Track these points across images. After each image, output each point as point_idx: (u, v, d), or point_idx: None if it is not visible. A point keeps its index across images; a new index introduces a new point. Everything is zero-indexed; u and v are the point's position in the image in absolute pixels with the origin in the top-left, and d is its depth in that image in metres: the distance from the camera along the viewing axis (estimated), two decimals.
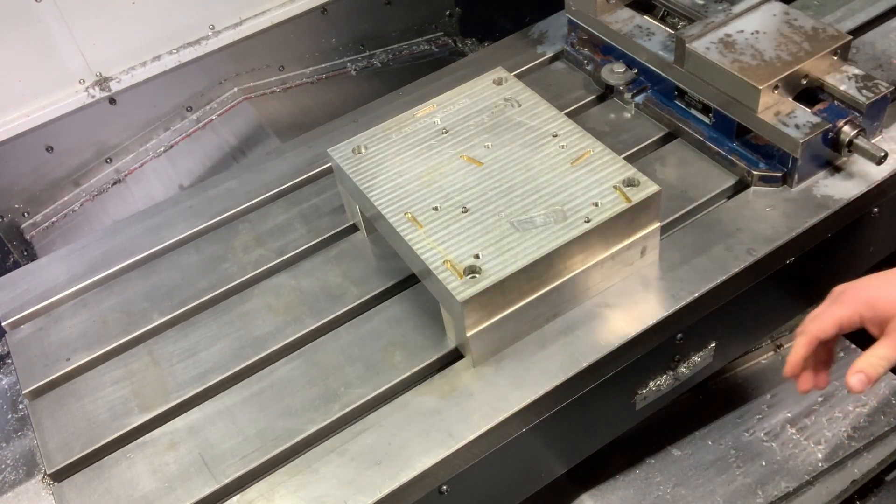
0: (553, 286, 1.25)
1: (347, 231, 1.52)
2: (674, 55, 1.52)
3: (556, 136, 1.38)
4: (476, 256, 1.21)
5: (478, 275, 1.19)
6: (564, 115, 1.43)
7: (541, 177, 1.32)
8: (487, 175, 1.34)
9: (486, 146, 1.39)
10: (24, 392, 1.34)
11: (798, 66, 1.39)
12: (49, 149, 2.22)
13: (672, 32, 1.59)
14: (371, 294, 1.40)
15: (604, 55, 1.71)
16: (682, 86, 1.54)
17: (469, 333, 1.20)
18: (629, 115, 1.64)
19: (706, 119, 1.52)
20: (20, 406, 1.37)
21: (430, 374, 1.28)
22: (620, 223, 1.26)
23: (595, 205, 1.26)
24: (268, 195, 1.62)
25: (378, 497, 1.14)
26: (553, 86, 1.73)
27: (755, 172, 1.44)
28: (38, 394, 1.35)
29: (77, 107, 2.19)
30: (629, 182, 1.28)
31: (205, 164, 2.34)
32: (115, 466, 1.23)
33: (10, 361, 1.41)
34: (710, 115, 1.51)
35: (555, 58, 1.81)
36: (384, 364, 1.29)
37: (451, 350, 1.29)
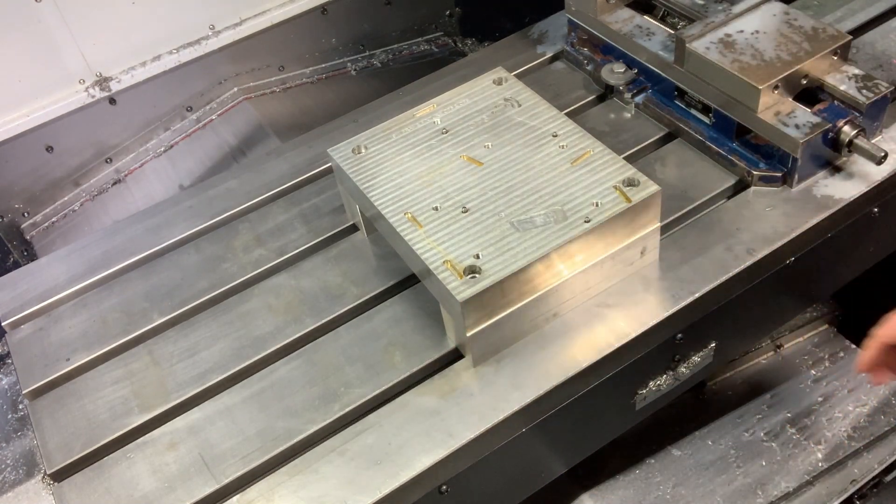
0: (553, 286, 1.25)
1: (347, 231, 1.52)
2: (674, 55, 1.52)
3: (556, 136, 1.38)
4: (476, 256, 1.21)
5: (478, 275, 1.19)
6: (564, 115, 1.43)
7: (541, 177, 1.32)
8: (487, 175, 1.34)
9: (486, 146, 1.39)
10: (24, 392, 1.34)
11: (798, 66, 1.39)
12: (49, 149, 2.22)
13: (672, 32, 1.59)
14: (371, 294, 1.40)
15: (604, 55, 1.71)
16: (682, 86, 1.54)
17: (469, 333, 1.20)
18: (629, 115, 1.64)
19: (706, 119, 1.52)
20: (20, 406, 1.37)
21: (430, 374, 1.28)
22: (620, 223, 1.26)
23: (595, 205, 1.26)
24: (268, 195, 1.62)
25: (378, 497, 1.14)
26: (553, 86, 1.73)
27: (755, 172, 1.44)
28: (38, 394, 1.35)
29: (77, 107, 2.20)
30: (629, 182, 1.28)
31: (205, 164, 2.34)
32: (115, 466, 1.23)
33: (10, 361, 1.41)
34: (710, 115, 1.51)
35: (555, 58, 1.81)
36: (384, 364, 1.29)
37: (451, 350, 1.29)
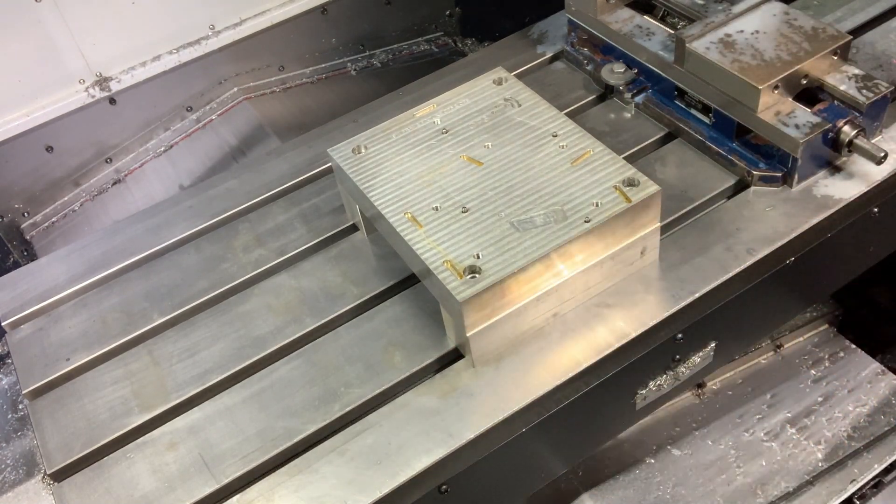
0: (553, 286, 1.25)
1: (347, 231, 1.52)
2: (674, 55, 1.52)
3: (556, 136, 1.38)
4: (476, 256, 1.21)
5: (478, 275, 1.19)
6: (564, 115, 1.43)
7: (541, 177, 1.32)
8: (487, 175, 1.34)
9: (486, 146, 1.39)
10: (24, 392, 1.35)
11: (798, 66, 1.39)
12: (49, 149, 2.22)
13: (672, 32, 1.59)
14: (371, 294, 1.40)
15: (604, 55, 1.71)
16: (682, 86, 1.54)
17: (469, 333, 1.20)
18: (629, 115, 1.64)
19: (706, 119, 1.52)
20: (20, 406, 1.37)
21: (430, 374, 1.28)
22: (620, 223, 1.26)
23: (595, 205, 1.26)
24: (268, 195, 1.62)
25: (378, 497, 1.14)
26: (553, 86, 1.73)
27: (755, 172, 1.44)
28: (38, 394, 1.35)
29: (77, 107, 2.20)
30: (629, 182, 1.28)
31: (205, 164, 2.34)
32: (115, 466, 1.23)
33: (10, 361, 1.41)
34: (710, 115, 1.51)
35: (555, 58, 1.81)
36: (384, 364, 1.29)
37: (451, 350, 1.29)
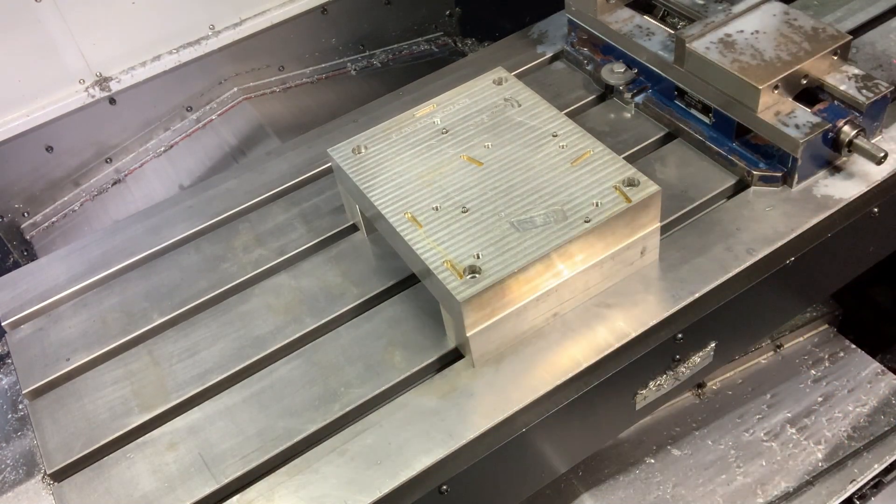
0: (553, 286, 1.25)
1: (347, 231, 1.52)
2: (674, 55, 1.52)
3: (556, 136, 1.38)
4: (476, 256, 1.21)
5: (478, 275, 1.19)
6: (564, 115, 1.43)
7: (541, 177, 1.32)
8: (487, 175, 1.34)
9: (486, 146, 1.39)
10: (24, 392, 1.35)
11: (798, 66, 1.39)
12: (49, 149, 2.22)
13: (672, 32, 1.59)
14: (371, 294, 1.40)
15: (604, 55, 1.71)
16: (682, 86, 1.54)
17: (469, 333, 1.20)
18: (629, 115, 1.64)
19: (706, 119, 1.52)
20: (20, 406, 1.37)
21: (430, 374, 1.28)
22: (620, 223, 1.26)
23: (595, 205, 1.26)
24: (268, 195, 1.62)
25: (378, 497, 1.14)
26: (553, 86, 1.73)
27: (755, 172, 1.44)
28: (38, 394, 1.35)
29: (77, 107, 2.20)
30: (629, 182, 1.28)
31: (205, 164, 2.34)
32: (115, 466, 1.23)
33: (10, 361, 1.41)
34: (710, 115, 1.51)
35: (555, 58, 1.81)
36: (384, 364, 1.29)
37: (451, 350, 1.29)
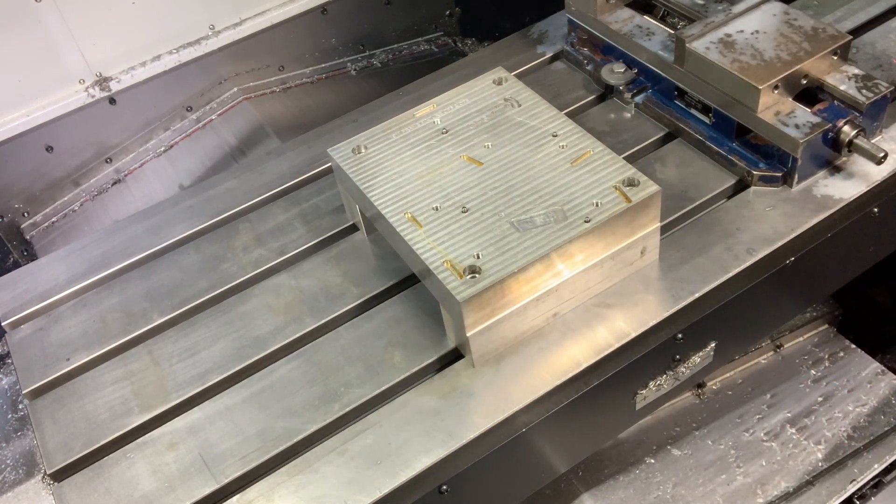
0: (553, 286, 1.25)
1: (347, 231, 1.52)
2: (674, 55, 1.52)
3: (556, 136, 1.38)
4: (476, 256, 1.21)
5: (478, 275, 1.19)
6: (564, 115, 1.43)
7: (541, 177, 1.32)
8: (487, 175, 1.34)
9: (486, 146, 1.39)
10: (24, 392, 1.35)
11: (798, 66, 1.39)
12: (49, 149, 2.22)
13: (672, 32, 1.59)
14: (371, 294, 1.40)
15: (604, 55, 1.71)
16: (682, 86, 1.54)
17: (469, 333, 1.20)
18: (629, 115, 1.64)
19: (706, 119, 1.52)
20: (20, 406, 1.37)
21: (430, 374, 1.28)
22: (620, 223, 1.26)
23: (595, 205, 1.26)
24: (268, 195, 1.62)
25: (378, 497, 1.14)
26: (553, 86, 1.73)
27: (755, 172, 1.44)
28: (38, 394, 1.35)
29: (77, 107, 2.20)
30: (629, 182, 1.28)
31: (205, 164, 2.34)
32: (115, 466, 1.23)
33: (10, 361, 1.41)
34: (710, 115, 1.51)
35: (555, 58, 1.81)
36: (384, 364, 1.29)
37: (451, 350, 1.29)
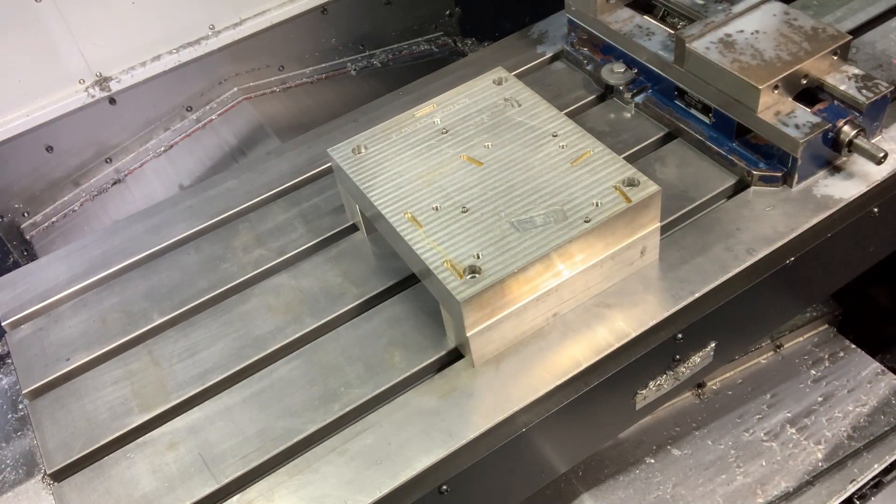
0: (553, 286, 1.25)
1: (347, 231, 1.52)
2: (674, 55, 1.52)
3: (556, 136, 1.38)
4: (476, 256, 1.21)
5: (478, 275, 1.19)
6: (564, 115, 1.43)
7: (541, 177, 1.32)
8: (487, 175, 1.34)
9: (486, 146, 1.39)
10: (24, 392, 1.34)
11: (798, 66, 1.39)
12: (49, 149, 2.22)
13: (672, 32, 1.59)
14: (371, 294, 1.40)
15: (604, 55, 1.71)
16: (682, 86, 1.54)
17: (469, 333, 1.20)
18: (629, 115, 1.64)
19: (706, 119, 1.52)
20: (20, 406, 1.37)
21: (430, 374, 1.28)
22: (620, 223, 1.26)
23: (595, 205, 1.26)
24: (268, 195, 1.62)
25: (378, 497, 1.14)
26: (553, 86, 1.73)
27: (755, 172, 1.44)
28: (38, 394, 1.35)
29: (77, 107, 2.20)
30: (629, 182, 1.28)
31: (205, 164, 2.34)
32: (115, 466, 1.23)
33: (10, 361, 1.41)
34: (710, 115, 1.51)
35: (555, 58, 1.81)
36: (384, 364, 1.29)
37: (451, 350, 1.29)
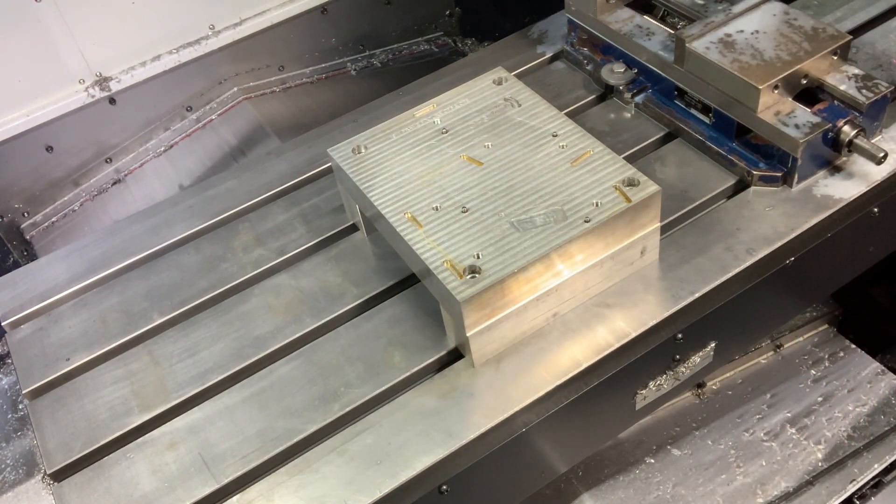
0: (553, 286, 1.25)
1: (347, 231, 1.52)
2: (674, 55, 1.52)
3: (556, 136, 1.38)
4: (476, 256, 1.21)
5: (478, 275, 1.19)
6: (564, 115, 1.43)
7: (541, 177, 1.32)
8: (487, 175, 1.34)
9: (486, 146, 1.39)
10: (24, 392, 1.35)
11: (798, 66, 1.39)
12: (49, 149, 2.22)
13: (672, 32, 1.59)
14: (371, 294, 1.40)
15: (604, 55, 1.71)
16: (682, 86, 1.54)
17: (469, 333, 1.20)
18: (629, 115, 1.64)
19: (706, 119, 1.52)
20: (20, 406, 1.37)
21: (430, 374, 1.28)
22: (620, 223, 1.26)
23: (595, 205, 1.26)
24: (268, 195, 1.62)
25: (378, 497, 1.14)
26: (553, 86, 1.73)
27: (755, 172, 1.44)
28: (38, 394, 1.35)
29: (77, 107, 2.20)
30: (629, 182, 1.28)
31: (205, 164, 2.34)
32: (115, 466, 1.23)
33: (10, 361, 1.41)
34: (710, 115, 1.51)
35: (555, 58, 1.81)
36: (384, 364, 1.29)
37: (451, 350, 1.29)
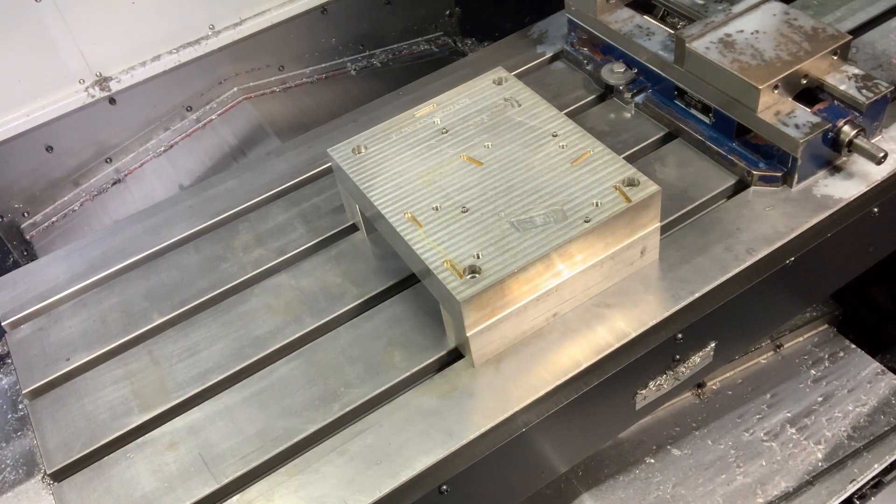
0: (553, 286, 1.25)
1: (347, 231, 1.52)
2: (674, 55, 1.52)
3: (556, 136, 1.38)
4: (476, 256, 1.21)
5: (478, 275, 1.19)
6: (564, 115, 1.43)
7: (541, 177, 1.32)
8: (487, 175, 1.34)
9: (486, 146, 1.39)
10: (24, 392, 1.35)
11: (798, 66, 1.39)
12: (49, 149, 2.22)
13: (672, 32, 1.59)
14: (371, 294, 1.40)
15: (604, 55, 1.71)
16: (682, 86, 1.54)
17: (469, 333, 1.20)
18: (629, 115, 1.64)
19: (706, 119, 1.52)
20: (20, 406, 1.37)
21: (430, 374, 1.28)
22: (620, 223, 1.26)
23: (595, 205, 1.26)
24: (268, 195, 1.62)
25: (378, 497, 1.14)
26: (553, 86, 1.73)
27: (755, 172, 1.44)
28: (38, 394, 1.35)
29: (77, 107, 2.20)
30: (629, 182, 1.28)
31: (205, 164, 2.34)
32: (115, 466, 1.23)
33: (10, 361, 1.41)
34: (710, 115, 1.51)
35: (555, 58, 1.81)
36: (384, 364, 1.29)
37: (451, 350, 1.29)
